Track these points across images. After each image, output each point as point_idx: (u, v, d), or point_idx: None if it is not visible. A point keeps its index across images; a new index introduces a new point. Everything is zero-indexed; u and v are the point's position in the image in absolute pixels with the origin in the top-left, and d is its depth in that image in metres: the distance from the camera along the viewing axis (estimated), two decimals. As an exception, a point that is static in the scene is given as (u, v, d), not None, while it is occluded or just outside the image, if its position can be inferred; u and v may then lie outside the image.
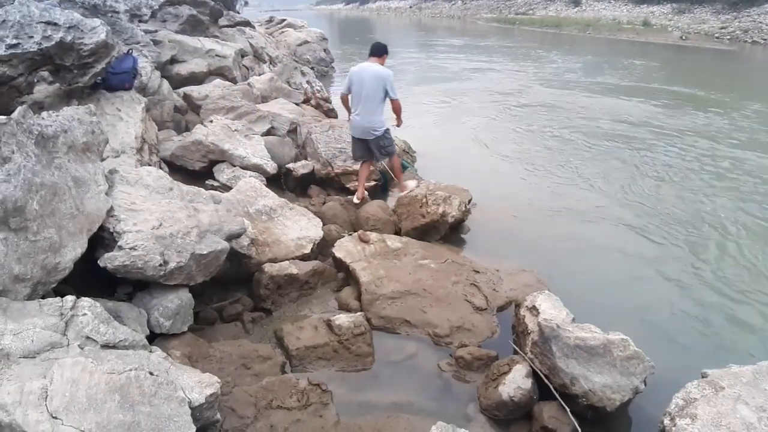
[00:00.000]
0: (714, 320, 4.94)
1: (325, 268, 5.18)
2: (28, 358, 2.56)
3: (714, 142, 10.38)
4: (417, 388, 3.95)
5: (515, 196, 7.71)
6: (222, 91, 8.68)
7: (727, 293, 5.32)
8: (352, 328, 4.24)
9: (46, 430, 2.22)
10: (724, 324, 4.89)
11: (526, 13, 44.90)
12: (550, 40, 31.84)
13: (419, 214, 6.01)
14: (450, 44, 29.42)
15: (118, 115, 5.83)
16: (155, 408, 2.56)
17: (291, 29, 20.40)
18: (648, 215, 7.00)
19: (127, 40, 7.59)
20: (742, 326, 4.86)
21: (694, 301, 5.20)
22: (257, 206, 5.42)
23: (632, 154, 9.63)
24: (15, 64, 4.83)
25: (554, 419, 3.47)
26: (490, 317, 4.65)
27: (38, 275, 3.05)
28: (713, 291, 5.36)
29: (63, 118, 3.71)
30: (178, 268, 3.81)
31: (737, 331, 4.80)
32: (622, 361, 3.53)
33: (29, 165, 3.12)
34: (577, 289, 5.18)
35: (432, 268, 5.20)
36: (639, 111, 12.99)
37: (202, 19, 11.52)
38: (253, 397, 3.43)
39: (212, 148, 6.62)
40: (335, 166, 7.43)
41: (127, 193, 4.13)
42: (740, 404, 2.98)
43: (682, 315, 5.01)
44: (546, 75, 18.53)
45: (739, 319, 4.94)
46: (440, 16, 51.48)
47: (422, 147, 9.25)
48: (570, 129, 11.39)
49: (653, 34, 31.88)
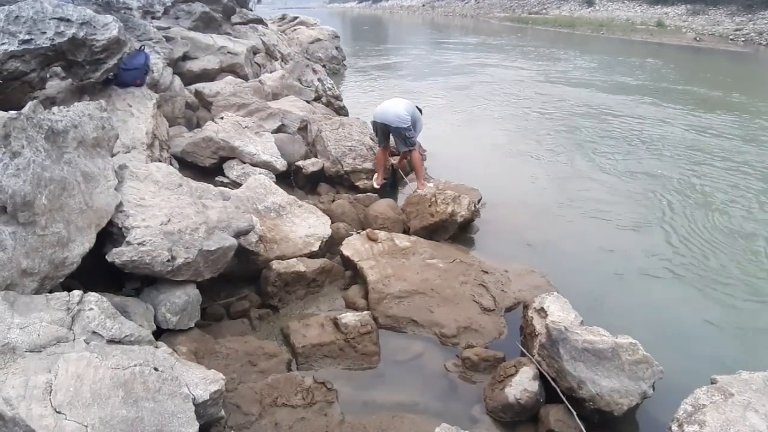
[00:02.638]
0: (725, 325, 4.87)
1: (333, 266, 5.17)
2: (34, 352, 2.58)
3: (731, 143, 10.26)
4: (423, 388, 3.93)
5: (526, 196, 7.66)
6: (233, 88, 8.68)
7: (739, 299, 5.25)
8: (359, 326, 4.23)
9: (50, 424, 2.23)
10: (735, 329, 4.82)
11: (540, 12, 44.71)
12: (564, 40, 31.64)
13: (428, 213, 5.98)
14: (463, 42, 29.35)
15: (130, 111, 5.85)
16: (159, 404, 2.56)
17: (303, 27, 20.42)
18: (663, 219, 6.92)
19: (140, 37, 7.62)
20: (753, 332, 4.79)
21: (705, 306, 5.14)
22: (266, 203, 5.42)
23: (648, 155, 9.53)
24: (27, 60, 4.85)
25: (560, 423, 3.44)
26: (497, 318, 4.62)
27: (46, 269, 3.07)
28: (725, 296, 5.29)
29: (74, 113, 3.73)
30: (185, 264, 3.82)
31: (748, 337, 4.74)
32: (631, 365, 3.49)
33: (39, 160, 3.14)
34: (587, 291, 5.15)
35: (440, 268, 5.18)
36: (655, 112, 12.85)
37: (214, 16, 11.54)
38: (258, 395, 3.43)
39: (222, 145, 6.62)
40: (345, 164, 7.43)
41: (137, 188, 4.14)
42: (750, 411, 2.94)
43: (693, 319, 4.96)
44: (559, 74, 18.41)
45: (750, 325, 4.87)
46: (453, 14, 51.36)
47: (432, 145, 9.22)
48: (584, 129, 11.30)
49: (667, 35, 31.63)
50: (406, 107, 7.21)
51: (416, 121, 7.31)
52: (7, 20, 4.79)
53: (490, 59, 22.21)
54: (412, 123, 7.14)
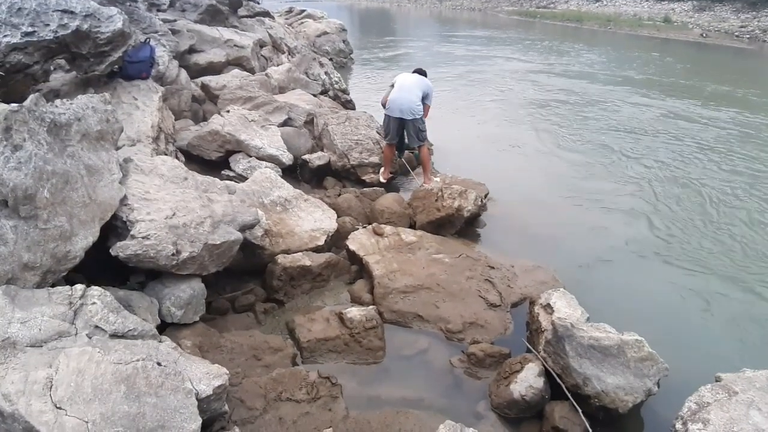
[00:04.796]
0: (730, 323, 4.84)
1: (339, 260, 5.15)
2: (35, 346, 2.56)
3: (741, 140, 10.18)
4: (427, 384, 3.92)
5: (533, 191, 7.61)
6: (240, 81, 8.66)
7: (745, 297, 5.21)
8: (364, 321, 4.21)
9: (50, 420, 2.21)
10: (741, 327, 4.78)
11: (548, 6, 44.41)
12: (571, 34, 31.42)
13: (434, 207, 5.95)
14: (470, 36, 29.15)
15: (135, 104, 5.84)
16: (161, 399, 2.55)
17: (310, 20, 20.29)
18: (670, 216, 6.86)
19: (145, 29, 7.60)
20: (758, 330, 4.75)
21: (711, 304, 5.09)
22: (272, 197, 5.40)
23: (655, 149, 9.45)
24: (31, 52, 4.82)
25: (565, 419, 3.42)
26: (503, 314, 4.59)
27: (48, 263, 3.06)
28: (731, 294, 5.25)
29: (77, 106, 3.71)
30: (190, 258, 3.80)
31: (753, 335, 4.69)
32: (636, 363, 3.46)
33: (41, 153, 3.12)
34: (593, 288, 5.12)
35: (446, 263, 5.14)
36: (662, 106, 12.76)
37: (221, 9, 11.50)
38: (263, 389, 3.41)
39: (229, 138, 6.60)
40: (351, 158, 7.39)
41: (142, 182, 4.12)
42: (753, 410, 2.91)
43: (698, 317, 4.92)
44: (566, 68, 18.29)
45: (755, 323, 4.83)
46: (461, 8, 51.00)
47: (439, 139, 9.15)
48: (592, 123, 11.22)
49: (674, 30, 31.38)
50: (417, 89, 7.08)
51: (428, 93, 7.22)
52: (10, 12, 4.76)
53: (498, 53, 22.06)
54: (425, 96, 7.13)
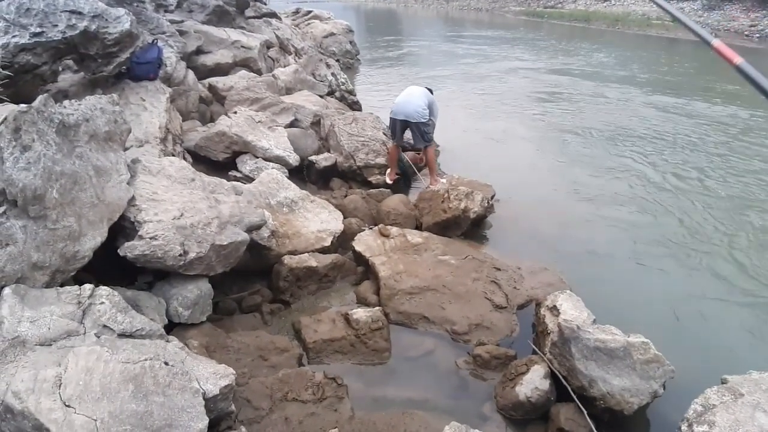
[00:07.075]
0: (737, 326, 4.81)
1: (345, 261, 5.16)
2: (44, 345, 2.58)
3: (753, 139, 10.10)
4: (433, 385, 3.92)
5: (540, 193, 7.59)
6: (247, 82, 8.69)
7: (751, 299, 5.18)
8: (370, 322, 4.22)
9: (59, 418, 2.23)
10: (747, 330, 4.75)
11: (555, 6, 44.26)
12: (579, 34, 31.30)
13: (441, 209, 5.95)
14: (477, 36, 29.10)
15: (143, 104, 5.87)
16: (169, 398, 2.56)
17: (317, 21, 20.33)
18: (676, 218, 6.82)
19: (153, 30, 7.63)
20: (765, 332, 4.72)
21: (718, 306, 5.07)
22: (279, 198, 5.42)
23: (666, 150, 9.40)
24: (39, 53, 4.86)
25: (571, 421, 3.41)
26: (509, 316, 4.59)
27: (57, 263, 3.08)
28: (738, 296, 5.22)
29: (85, 107, 3.74)
30: (197, 259, 3.83)
31: (760, 338, 4.67)
32: (642, 365, 3.46)
33: (49, 153, 3.15)
34: (599, 289, 5.08)
35: (452, 264, 5.15)
36: (671, 105, 12.67)
37: (228, 10, 11.54)
38: (269, 389, 3.43)
39: (236, 140, 6.63)
40: (358, 159, 7.40)
41: (149, 182, 4.15)
42: (759, 412, 2.90)
43: (705, 319, 4.90)
44: (575, 68, 18.21)
45: (763, 325, 4.80)
46: (468, 8, 50.88)
47: (446, 140, 9.16)
48: (600, 124, 11.14)
49: (682, 30, 31.14)
50: (424, 98, 7.18)
51: (433, 107, 7.32)
52: (18, 12, 4.79)
53: (504, 53, 22.02)
54: (430, 111, 7.15)
